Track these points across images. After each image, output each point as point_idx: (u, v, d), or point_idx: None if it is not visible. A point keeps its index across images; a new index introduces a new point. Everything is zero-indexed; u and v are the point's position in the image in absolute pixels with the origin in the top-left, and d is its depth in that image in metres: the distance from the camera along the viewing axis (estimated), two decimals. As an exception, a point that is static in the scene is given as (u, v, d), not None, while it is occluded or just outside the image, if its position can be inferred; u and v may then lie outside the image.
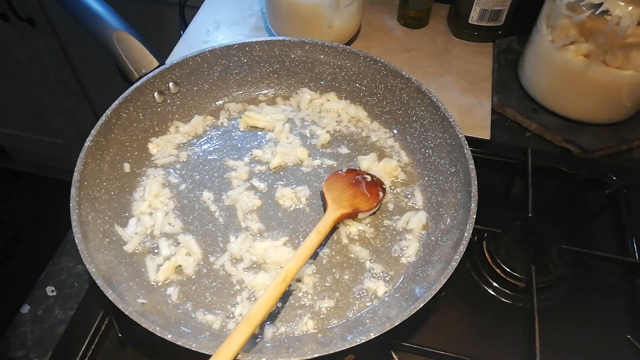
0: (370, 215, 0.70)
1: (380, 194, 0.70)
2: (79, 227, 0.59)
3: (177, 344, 0.51)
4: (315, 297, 0.63)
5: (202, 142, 0.79)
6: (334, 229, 0.68)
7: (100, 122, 0.68)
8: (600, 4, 0.72)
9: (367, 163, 0.75)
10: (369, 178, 0.71)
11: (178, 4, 1.07)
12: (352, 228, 0.69)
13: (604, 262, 0.69)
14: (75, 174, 0.63)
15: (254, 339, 0.59)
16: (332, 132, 0.80)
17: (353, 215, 0.67)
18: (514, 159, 0.79)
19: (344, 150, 0.78)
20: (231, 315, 0.61)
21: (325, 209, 0.68)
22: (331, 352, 0.51)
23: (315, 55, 0.82)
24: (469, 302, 0.66)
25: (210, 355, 0.50)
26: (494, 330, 0.64)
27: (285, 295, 0.63)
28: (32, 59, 1.66)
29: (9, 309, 0.74)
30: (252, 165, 0.76)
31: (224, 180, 0.74)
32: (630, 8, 0.70)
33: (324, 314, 0.62)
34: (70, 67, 1.67)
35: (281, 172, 0.75)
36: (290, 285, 0.62)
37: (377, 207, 0.70)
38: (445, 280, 0.55)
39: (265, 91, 0.85)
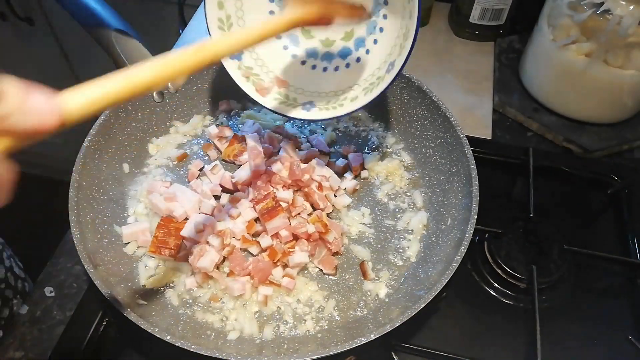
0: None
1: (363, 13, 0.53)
2: (78, 228, 0.59)
3: (177, 345, 0.50)
4: (316, 298, 0.62)
5: (202, 142, 0.78)
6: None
7: (98, 122, 0.68)
8: (602, 4, 0.72)
9: (370, 163, 0.75)
10: None
11: (177, 2, 1.06)
12: (353, 228, 0.69)
13: (606, 262, 0.69)
14: (73, 174, 0.63)
15: (254, 339, 0.59)
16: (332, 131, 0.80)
17: (323, 22, 0.49)
18: (515, 159, 0.79)
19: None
20: (225, 319, 0.61)
21: None
22: (332, 353, 0.51)
23: (315, 55, 0.81)
24: (470, 303, 0.66)
25: (210, 356, 0.50)
26: (495, 331, 0.63)
27: (286, 295, 0.62)
28: (31, 58, 1.66)
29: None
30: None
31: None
32: (631, 7, 0.70)
33: (324, 314, 0.61)
34: (69, 66, 1.66)
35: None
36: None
37: (360, 20, 0.55)
38: (446, 280, 0.55)
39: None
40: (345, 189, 0.73)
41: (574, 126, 0.85)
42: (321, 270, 0.65)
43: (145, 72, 0.35)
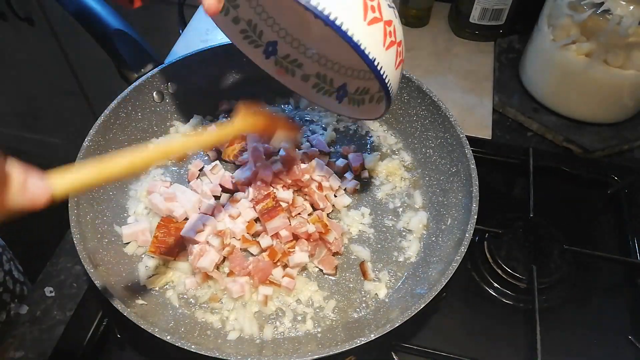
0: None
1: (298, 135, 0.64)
2: (78, 228, 0.59)
3: (177, 345, 0.50)
4: (316, 298, 0.62)
5: (202, 142, 0.78)
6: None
7: (98, 121, 0.68)
8: (602, 4, 0.72)
9: (371, 163, 0.75)
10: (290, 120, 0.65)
11: (177, 3, 1.06)
12: (353, 228, 0.69)
13: (606, 262, 0.69)
14: (73, 174, 0.63)
15: (254, 339, 0.59)
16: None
17: (269, 132, 0.60)
18: (515, 159, 0.79)
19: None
20: (225, 319, 0.61)
21: None
22: (332, 353, 0.51)
23: (315, 55, 0.81)
24: (469, 303, 0.66)
25: (210, 356, 0.50)
26: (495, 331, 0.63)
27: (286, 296, 0.62)
28: (31, 59, 1.65)
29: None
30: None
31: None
32: (631, 7, 0.70)
33: (324, 314, 0.61)
34: (69, 67, 1.66)
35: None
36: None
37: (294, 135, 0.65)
38: (446, 280, 0.55)
39: (265, 90, 0.85)
40: (345, 189, 0.73)
41: (574, 126, 0.85)
42: (321, 270, 0.65)
43: (116, 164, 0.41)
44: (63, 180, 0.34)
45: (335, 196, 0.71)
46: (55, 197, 0.32)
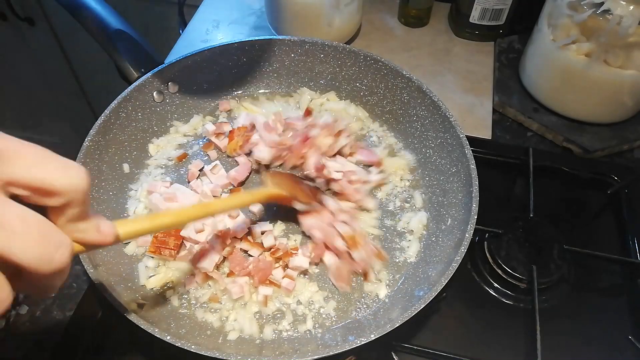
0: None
1: (319, 197, 0.69)
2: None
3: (177, 345, 0.50)
4: (317, 298, 0.62)
5: (202, 142, 0.78)
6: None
7: (99, 121, 0.68)
8: (602, 4, 0.72)
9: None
10: (310, 183, 0.71)
11: (177, 2, 1.06)
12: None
13: (605, 262, 0.69)
14: (73, 174, 0.63)
15: (254, 340, 0.59)
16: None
17: (289, 200, 0.65)
18: (515, 159, 0.79)
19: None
20: (225, 319, 0.61)
21: None
22: (332, 353, 0.51)
23: (315, 55, 0.81)
24: (470, 303, 0.66)
25: (210, 356, 0.50)
26: (495, 331, 0.63)
27: (286, 296, 0.62)
28: (31, 59, 1.65)
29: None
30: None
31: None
32: (631, 7, 0.70)
33: (324, 314, 0.61)
34: (69, 67, 1.66)
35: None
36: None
37: (312, 205, 0.67)
38: (446, 281, 0.55)
39: (265, 90, 0.85)
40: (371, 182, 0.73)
41: (574, 126, 0.85)
42: (322, 271, 0.65)
43: (167, 218, 0.48)
44: (125, 228, 0.41)
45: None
46: (119, 238, 0.40)
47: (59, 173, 0.31)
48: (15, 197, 0.30)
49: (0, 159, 0.29)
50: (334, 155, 0.74)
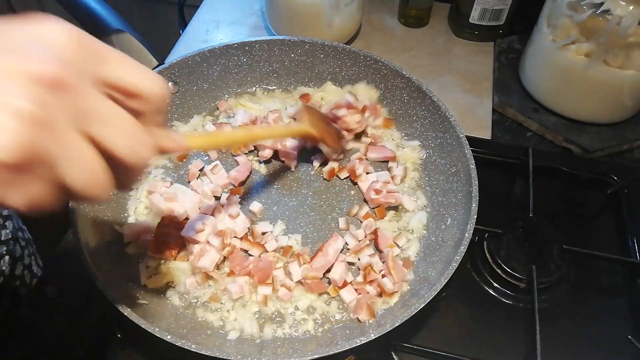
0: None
1: (344, 143, 0.75)
2: (78, 227, 0.59)
3: (177, 344, 0.50)
4: (317, 298, 0.62)
5: (202, 142, 0.78)
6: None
7: (99, 121, 0.68)
8: (601, 4, 0.72)
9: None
10: (336, 125, 0.75)
11: (177, 2, 1.07)
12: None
13: (605, 262, 0.69)
14: (74, 174, 0.63)
15: (254, 339, 0.59)
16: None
17: (317, 141, 0.71)
18: (515, 159, 0.79)
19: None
20: (226, 319, 0.61)
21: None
22: (332, 352, 0.51)
23: (315, 55, 0.81)
24: (469, 303, 0.66)
25: (211, 356, 0.50)
26: (495, 331, 0.63)
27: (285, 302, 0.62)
28: (31, 58, 1.65)
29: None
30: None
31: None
32: (631, 7, 0.70)
33: (324, 315, 0.61)
34: (69, 67, 1.66)
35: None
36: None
37: (338, 152, 0.75)
38: (446, 280, 0.55)
39: (265, 90, 0.85)
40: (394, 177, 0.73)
41: (574, 126, 0.85)
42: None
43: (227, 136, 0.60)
44: (190, 140, 0.46)
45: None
46: (188, 147, 0.46)
47: (148, 80, 0.35)
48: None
49: (101, 61, 0.32)
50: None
